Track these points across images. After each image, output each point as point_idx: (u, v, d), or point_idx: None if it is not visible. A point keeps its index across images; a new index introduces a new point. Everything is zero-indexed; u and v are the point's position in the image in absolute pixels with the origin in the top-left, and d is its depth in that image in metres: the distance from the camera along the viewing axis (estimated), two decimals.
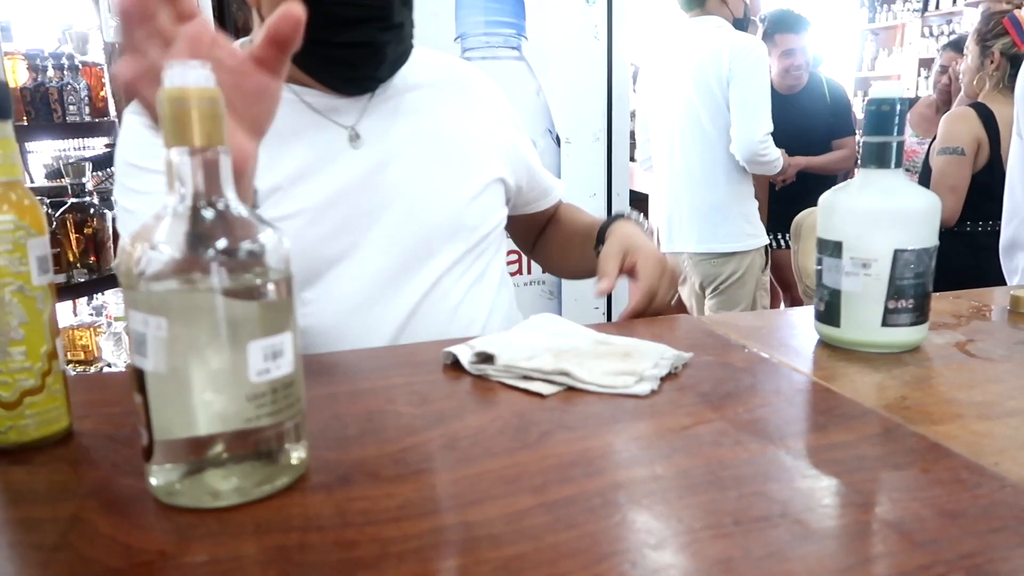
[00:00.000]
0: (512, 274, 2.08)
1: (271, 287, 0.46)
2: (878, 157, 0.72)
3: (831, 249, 0.73)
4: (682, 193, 2.19)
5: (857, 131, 3.07)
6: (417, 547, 0.41)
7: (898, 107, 0.71)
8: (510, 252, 2.11)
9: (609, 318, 2.01)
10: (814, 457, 0.51)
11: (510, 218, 1.05)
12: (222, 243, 0.45)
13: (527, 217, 1.11)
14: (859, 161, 0.73)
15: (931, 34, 6.12)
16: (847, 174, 3.00)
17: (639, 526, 0.43)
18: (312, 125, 0.87)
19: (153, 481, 0.47)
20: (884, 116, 0.71)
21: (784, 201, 2.63)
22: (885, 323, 0.71)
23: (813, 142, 2.74)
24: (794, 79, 2.75)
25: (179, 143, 0.45)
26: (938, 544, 0.40)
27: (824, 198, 0.75)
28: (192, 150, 0.45)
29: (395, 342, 0.87)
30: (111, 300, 2.31)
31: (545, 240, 1.15)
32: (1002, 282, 1.70)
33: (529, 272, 2.07)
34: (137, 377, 0.45)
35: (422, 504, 0.46)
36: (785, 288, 2.84)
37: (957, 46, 2.99)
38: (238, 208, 0.47)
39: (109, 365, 2.06)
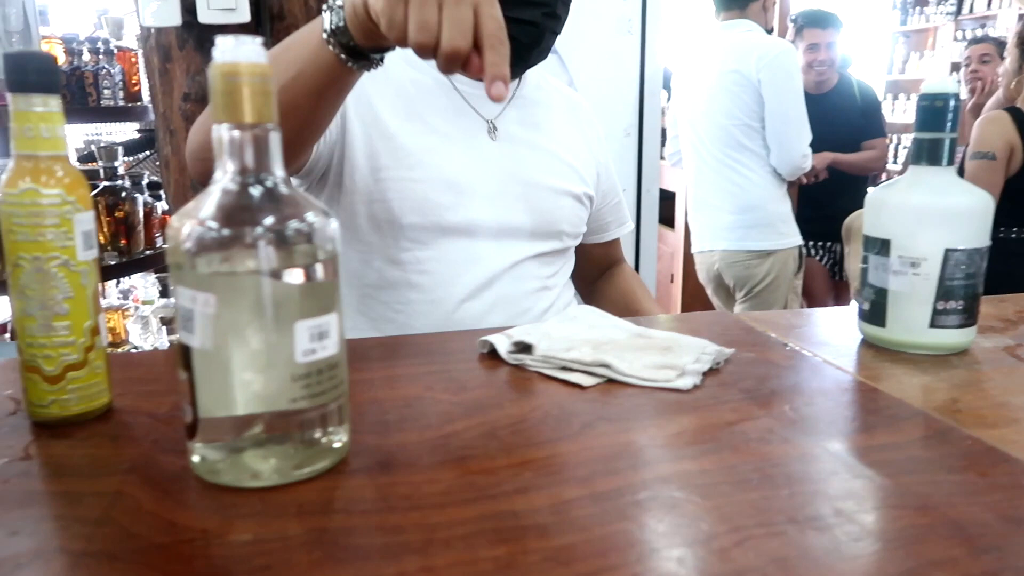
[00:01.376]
0: None
1: (319, 267, 0.45)
2: (929, 154, 0.70)
3: (878, 247, 0.71)
4: (714, 193, 2.16)
5: (887, 134, 3.02)
6: (463, 534, 0.40)
7: (952, 102, 0.69)
8: None
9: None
10: (865, 457, 0.50)
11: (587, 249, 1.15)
12: (270, 221, 0.44)
13: (588, 249, 1.16)
14: (907, 158, 0.71)
15: (964, 38, 6.01)
16: (875, 178, 2.95)
17: (689, 522, 0.42)
18: (457, 109, 0.98)
19: (195, 458, 0.46)
20: (937, 112, 0.69)
21: (812, 206, 2.59)
22: (933, 324, 0.69)
23: (842, 143, 2.69)
24: (817, 75, 2.70)
25: (229, 119, 0.44)
26: (1003, 551, 0.39)
27: (872, 195, 0.73)
28: (242, 126, 0.44)
29: (474, 302, 0.96)
30: (139, 284, 2.33)
31: (601, 295, 1.18)
32: None
33: None
34: (183, 354, 0.45)
35: (465, 491, 0.45)
36: (808, 297, 2.80)
37: (981, 40, 2.93)
38: (286, 186, 0.46)
39: (136, 348, 2.08)
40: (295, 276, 0.44)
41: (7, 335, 2.08)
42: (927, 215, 0.69)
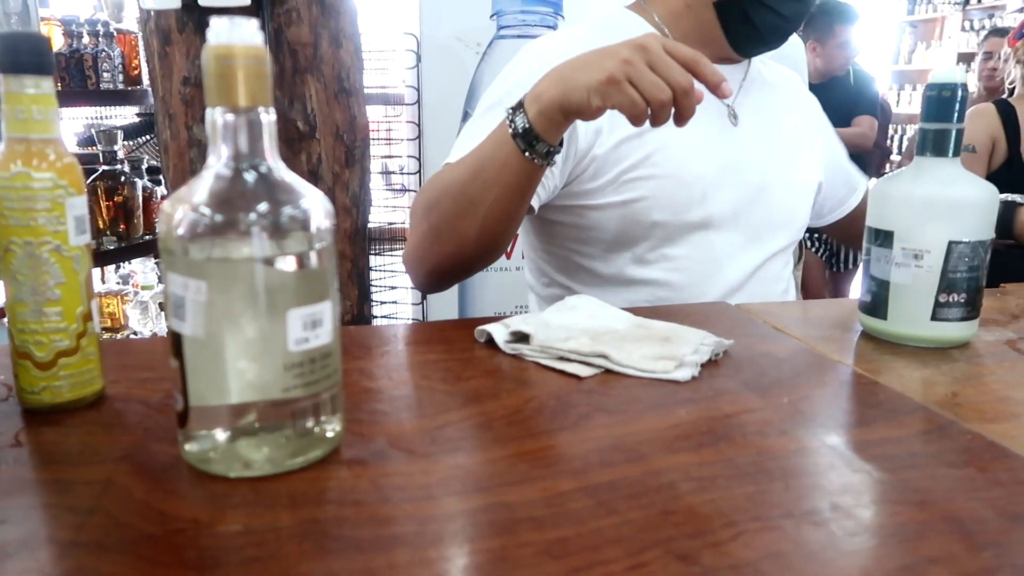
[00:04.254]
0: None
1: (313, 255, 0.45)
2: (935, 145, 0.69)
3: (882, 239, 0.70)
4: None
5: (878, 114, 3.02)
6: (457, 526, 0.40)
7: (959, 93, 0.68)
8: None
9: None
10: (864, 451, 0.49)
11: (836, 224, 1.14)
12: (263, 207, 0.44)
13: (846, 226, 1.14)
14: (915, 148, 0.70)
15: (971, 28, 5.96)
16: (878, 169, 2.96)
17: (684, 515, 0.41)
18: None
19: (187, 447, 0.46)
20: (944, 102, 0.68)
21: None
22: (935, 317, 0.69)
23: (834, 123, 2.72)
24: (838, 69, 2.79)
25: (223, 103, 0.44)
26: (1002, 547, 0.38)
27: (876, 186, 0.72)
28: (236, 110, 0.44)
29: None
30: (138, 269, 2.32)
31: None
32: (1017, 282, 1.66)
33: (508, 258, 2.05)
34: (174, 341, 0.44)
35: (460, 482, 0.45)
36: (805, 289, 2.80)
37: (1001, 32, 2.92)
38: (281, 172, 0.45)
39: (135, 333, 2.07)
40: (288, 263, 0.44)
41: None
42: (932, 207, 0.68)
